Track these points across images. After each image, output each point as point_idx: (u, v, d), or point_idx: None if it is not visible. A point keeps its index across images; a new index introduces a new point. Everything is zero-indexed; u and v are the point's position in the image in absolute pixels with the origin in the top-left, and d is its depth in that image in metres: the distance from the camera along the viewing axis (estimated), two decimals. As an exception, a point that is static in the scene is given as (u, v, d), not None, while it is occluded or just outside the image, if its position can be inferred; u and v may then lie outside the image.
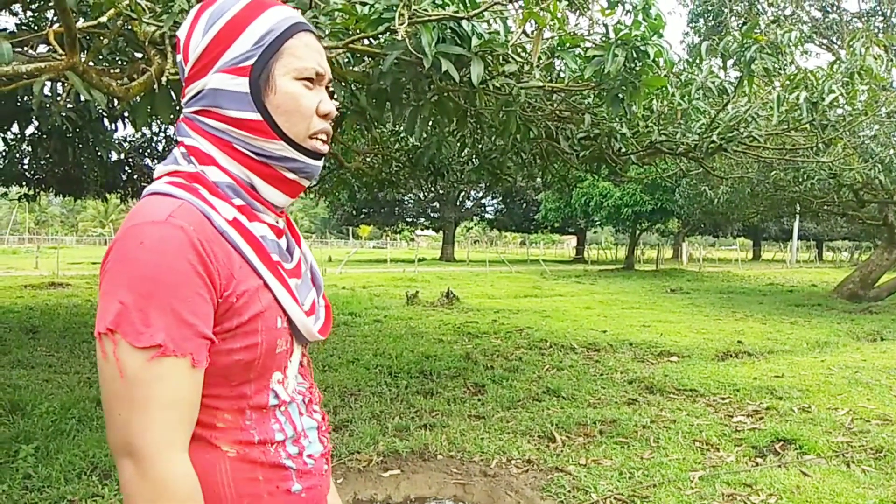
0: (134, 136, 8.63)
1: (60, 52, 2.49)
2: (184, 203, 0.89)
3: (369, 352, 7.26)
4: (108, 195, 10.54)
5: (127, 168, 9.42)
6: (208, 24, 0.95)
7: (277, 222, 1.05)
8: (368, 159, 7.60)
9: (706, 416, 5.06)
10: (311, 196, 11.78)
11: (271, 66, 0.97)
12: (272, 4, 1.00)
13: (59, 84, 4.11)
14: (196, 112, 0.98)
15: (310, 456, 1.06)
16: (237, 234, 0.93)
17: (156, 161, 9.00)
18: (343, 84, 3.14)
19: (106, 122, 6.26)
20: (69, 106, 4.94)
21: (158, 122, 7.72)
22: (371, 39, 2.84)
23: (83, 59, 2.51)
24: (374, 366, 6.51)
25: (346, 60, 3.03)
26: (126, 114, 5.03)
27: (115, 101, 3.82)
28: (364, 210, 35.75)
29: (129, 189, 9.60)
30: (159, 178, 0.96)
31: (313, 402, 1.12)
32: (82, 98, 2.75)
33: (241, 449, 0.95)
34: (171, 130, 8.29)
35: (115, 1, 2.41)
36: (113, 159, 8.75)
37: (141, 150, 8.86)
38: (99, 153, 7.66)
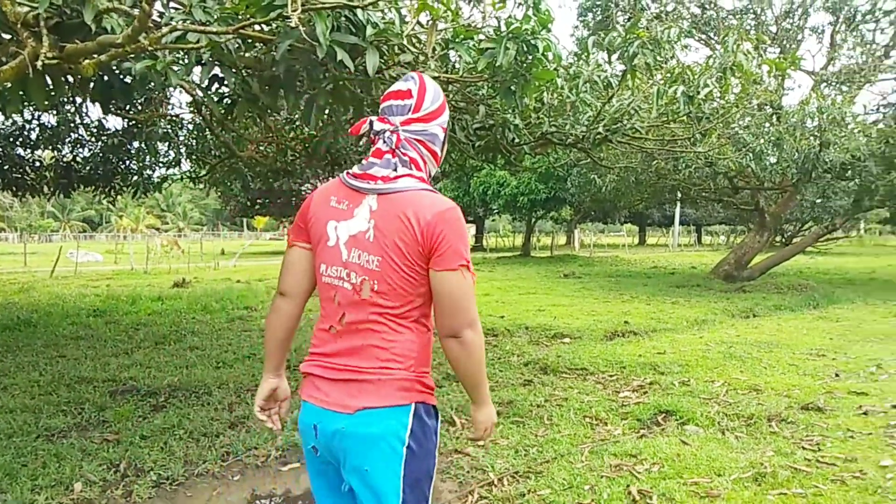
0: (4, 124, 7.91)
1: (-83, 30, 2.29)
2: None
3: (267, 344, 7.09)
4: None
5: (-4, 157, 8.64)
6: (436, 96, 1.73)
7: None
8: (262, 148, 7.41)
9: (595, 393, 5.32)
10: (202, 187, 11.29)
11: (447, 131, 1.81)
12: None
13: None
14: (416, 138, 1.70)
15: None
16: None
17: (28, 150, 8.29)
18: (234, 70, 3.06)
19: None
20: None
21: (31, 108, 7.18)
22: (263, 25, 2.78)
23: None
24: (273, 358, 6.37)
25: (237, 46, 2.95)
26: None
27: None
28: (259, 200, 34.61)
29: (1, 180, 8.78)
30: (400, 177, 1.65)
31: None
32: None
33: (430, 332, 1.75)
34: (45, 118, 7.66)
35: (-20, -23, 2.25)
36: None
37: (12, 140, 8.12)
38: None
